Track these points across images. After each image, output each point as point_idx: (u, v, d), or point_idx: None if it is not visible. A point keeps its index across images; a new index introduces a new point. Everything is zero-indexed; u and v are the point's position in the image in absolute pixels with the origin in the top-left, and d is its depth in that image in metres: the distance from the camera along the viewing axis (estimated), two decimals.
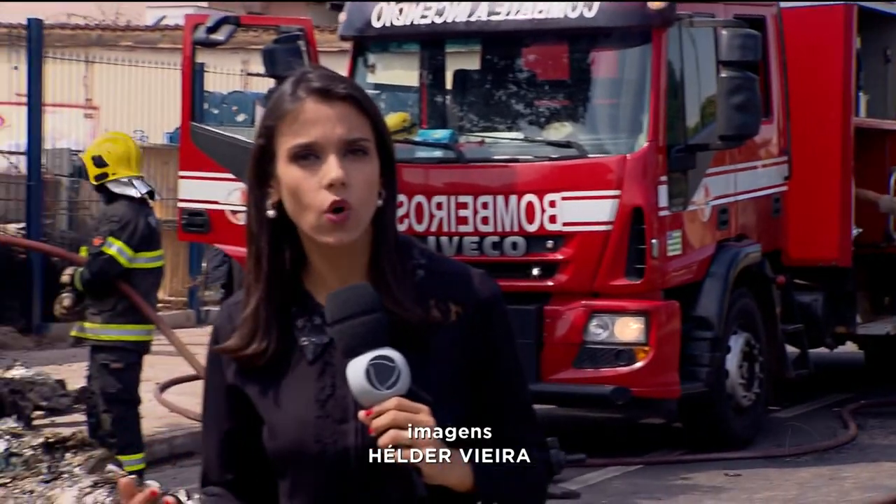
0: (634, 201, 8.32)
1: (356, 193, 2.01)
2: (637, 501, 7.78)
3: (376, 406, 1.93)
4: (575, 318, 8.43)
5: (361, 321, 1.96)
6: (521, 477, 2.09)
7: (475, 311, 2.10)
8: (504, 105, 9.19)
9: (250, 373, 2.10)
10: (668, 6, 8.38)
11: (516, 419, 2.14)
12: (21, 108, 13.68)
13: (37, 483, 5.93)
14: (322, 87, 2.04)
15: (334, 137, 2.01)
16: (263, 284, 2.07)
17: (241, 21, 9.41)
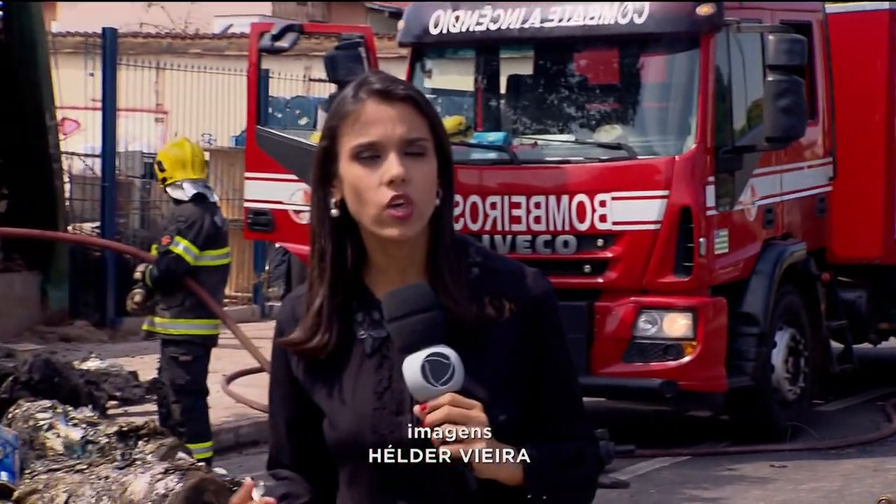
0: (683, 201, 8.28)
1: (415, 190, 2.02)
2: (685, 491, 7.74)
3: (431, 401, 1.94)
4: (624, 313, 8.40)
5: (418, 319, 1.97)
6: (572, 472, 2.09)
7: (528, 308, 2.09)
8: (556, 108, 9.17)
9: (312, 365, 2.11)
10: (716, 12, 8.33)
11: (567, 414, 2.14)
12: (96, 112, 13.81)
13: (111, 469, 5.99)
14: (382, 88, 2.05)
15: (394, 137, 2.02)
16: (326, 281, 2.08)
17: (305, 29, 9.47)
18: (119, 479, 5.87)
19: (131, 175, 15.24)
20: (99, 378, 9.44)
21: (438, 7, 9.09)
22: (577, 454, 2.10)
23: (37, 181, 12.39)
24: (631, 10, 8.46)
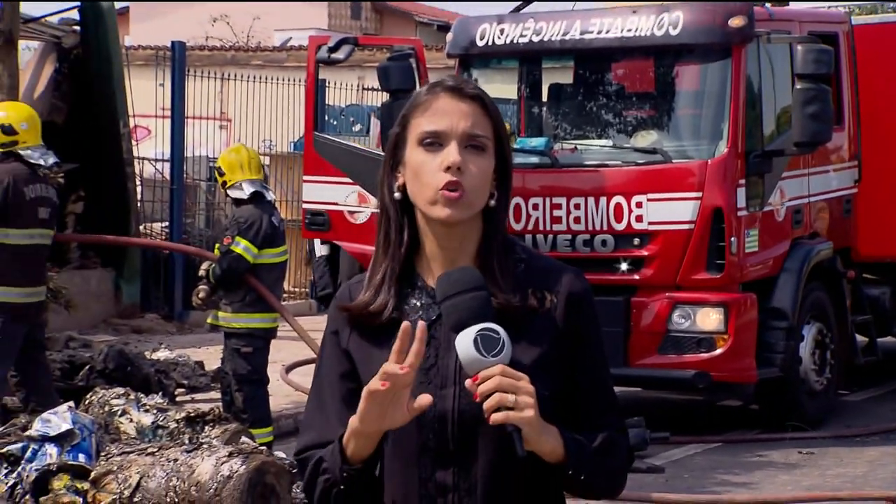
0: (715, 202, 8.23)
1: (469, 180, 2.05)
2: (716, 476, 7.70)
3: (483, 372, 1.96)
4: (659, 308, 8.36)
5: (471, 296, 2.00)
6: (606, 458, 2.09)
7: (567, 304, 2.11)
8: (595, 115, 9.15)
9: (363, 343, 2.13)
10: (747, 24, 8.27)
11: (601, 406, 2.15)
12: (165, 120, 13.92)
13: (180, 452, 6.04)
14: (455, 85, 2.11)
15: (459, 129, 2.07)
16: (390, 255, 2.12)
17: (359, 41, 9.49)
18: (187, 462, 5.91)
19: (197, 178, 15.34)
20: (168, 367, 9.51)
21: (484, 21, 9.10)
22: (610, 443, 2.11)
23: (111, 184, 12.50)
24: (666, 23, 8.42)
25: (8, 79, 10.03)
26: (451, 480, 2.06)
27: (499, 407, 1.94)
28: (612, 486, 2.13)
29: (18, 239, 7.17)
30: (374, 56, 18.42)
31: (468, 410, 2.03)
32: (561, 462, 2.03)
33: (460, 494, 2.06)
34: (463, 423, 2.04)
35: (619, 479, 2.14)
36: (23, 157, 7.21)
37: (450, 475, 2.06)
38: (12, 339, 7.16)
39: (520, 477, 2.06)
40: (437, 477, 2.06)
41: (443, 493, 2.06)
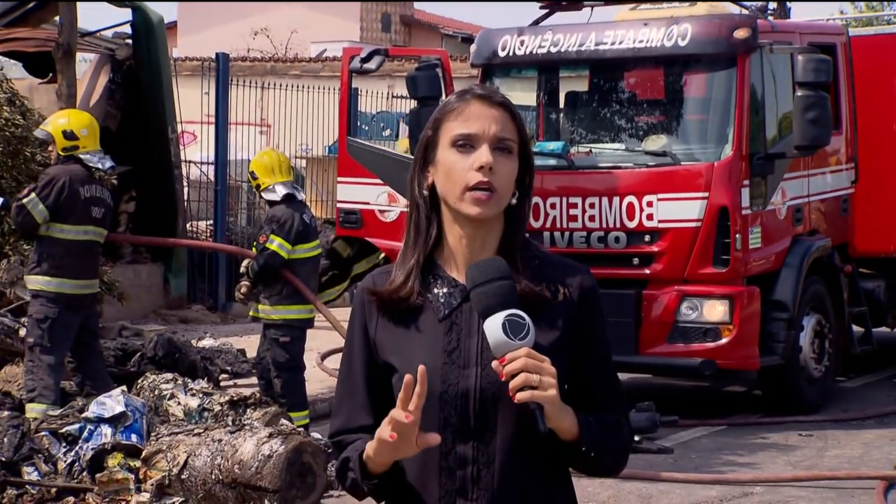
0: (721, 202, 8.18)
1: (498, 180, 2.08)
2: (722, 457, 7.65)
3: (509, 354, 1.98)
4: (668, 301, 8.32)
5: (499, 284, 2.03)
6: (613, 438, 2.13)
7: (579, 297, 2.15)
8: (608, 121, 9.11)
9: (388, 324, 2.14)
10: (751, 36, 8.22)
11: (609, 392, 2.18)
12: (210, 126, 13.95)
13: (224, 433, 6.05)
14: (485, 93, 2.14)
15: (490, 132, 2.10)
16: (419, 246, 2.14)
17: (389, 52, 9.46)
18: (231, 442, 5.93)
19: (240, 180, 15.37)
20: (213, 355, 9.53)
21: (506, 33, 9.08)
22: (617, 425, 2.15)
23: (161, 185, 12.54)
24: (676, 34, 8.38)
25: (67, 88, 10.07)
26: (470, 454, 2.08)
27: (524, 386, 1.97)
28: (617, 463, 2.17)
29: (73, 234, 7.21)
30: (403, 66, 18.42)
31: (488, 389, 2.06)
32: (575, 439, 2.06)
33: (479, 467, 2.07)
34: (483, 401, 2.07)
35: (623, 457, 2.18)
36: (82, 160, 7.25)
37: (469, 449, 2.07)
38: (67, 327, 7.19)
39: (534, 451, 2.09)
40: (457, 450, 2.08)
41: (462, 466, 2.08)
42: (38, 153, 10.06)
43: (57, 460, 6.39)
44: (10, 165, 10.24)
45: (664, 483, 6.93)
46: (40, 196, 7.07)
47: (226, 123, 13.65)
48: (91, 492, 6.13)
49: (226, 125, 13.66)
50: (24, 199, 7.08)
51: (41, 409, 6.93)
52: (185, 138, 14.02)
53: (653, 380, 9.82)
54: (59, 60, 10.17)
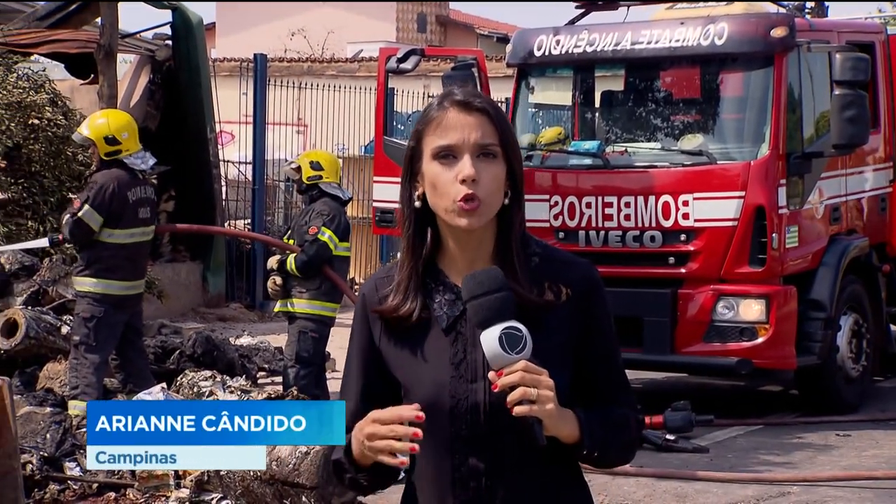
0: (757, 201, 8.12)
1: (484, 188, 2.05)
2: (758, 456, 7.60)
3: (506, 368, 1.96)
4: (704, 300, 8.27)
5: (495, 297, 1.99)
6: (619, 432, 2.11)
7: (582, 293, 2.11)
8: (644, 120, 9.07)
9: (394, 339, 2.13)
10: (789, 34, 8.16)
11: (614, 386, 2.16)
12: (248, 126, 14.03)
13: None
14: (463, 99, 2.09)
15: (470, 141, 2.06)
16: (413, 259, 2.11)
17: (425, 52, 9.46)
18: None
19: (277, 179, 15.45)
20: (250, 352, 9.58)
21: (541, 32, 9.06)
22: (623, 418, 2.13)
23: (199, 185, 12.62)
24: (712, 33, 8.33)
25: (108, 89, 10.16)
26: (482, 466, 2.06)
27: (521, 400, 1.95)
28: (625, 456, 2.16)
29: (121, 238, 7.27)
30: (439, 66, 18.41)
31: (498, 402, 2.03)
32: (577, 442, 2.05)
33: (492, 479, 2.06)
34: (493, 413, 2.05)
35: (630, 450, 2.17)
36: (125, 164, 7.30)
37: (481, 461, 2.06)
38: (113, 326, 7.25)
39: (545, 459, 2.07)
40: (469, 463, 2.07)
41: (475, 478, 2.07)
42: (80, 153, 10.17)
43: None
44: (53, 165, 10.36)
45: (700, 482, 6.89)
46: (94, 206, 7.13)
47: (263, 123, 13.72)
48: (131, 487, 6.18)
49: (263, 125, 13.73)
50: (78, 213, 7.12)
51: (83, 406, 6.99)
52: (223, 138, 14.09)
53: (688, 379, 9.76)
54: (100, 61, 10.27)
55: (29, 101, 10.26)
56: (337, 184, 7.63)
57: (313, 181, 7.57)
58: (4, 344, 7.82)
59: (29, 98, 10.27)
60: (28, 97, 10.27)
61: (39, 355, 7.91)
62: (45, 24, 12.17)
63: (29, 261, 8.81)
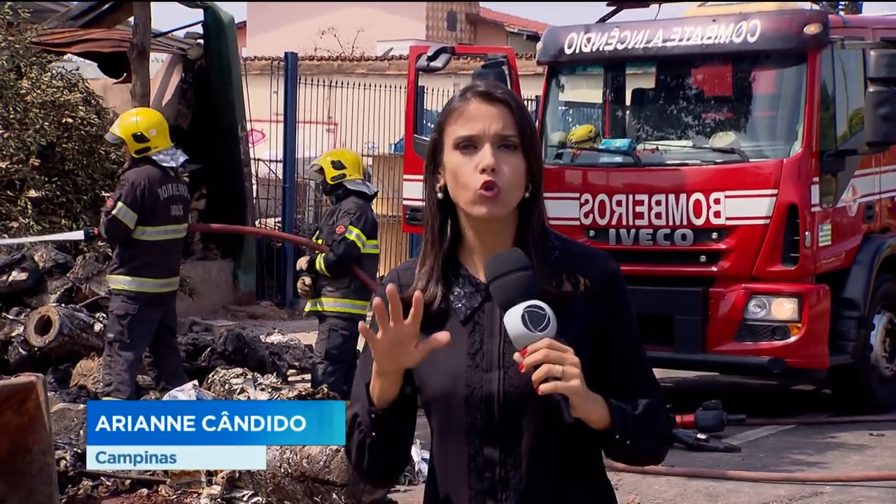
0: (790, 199, 8.07)
1: (504, 178, 2.06)
2: (790, 456, 7.55)
3: (530, 346, 1.95)
4: (736, 298, 8.22)
5: (518, 276, 2.00)
6: (648, 423, 2.08)
7: (602, 285, 2.10)
8: (675, 117, 9.02)
9: None
10: (822, 31, 8.09)
11: (639, 378, 2.13)
12: (278, 124, 14.08)
13: None
14: (485, 91, 2.10)
15: (491, 131, 2.07)
16: (435, 250, 2.12)
17: (456, 50, 9.45)
18: None
19: (307, 178, 15.49)
20: (281, 350, 9.61)
21: (572, 30, 9.03)
22: (652, 409, 2.09)
23: (230, 183, 12.68)
24: (745, 30, 8.28)
25: (140, 87, 10.23)
26: (497, 456, 2.06)
27: (547, 378, 1.94)
28: (656, 450, 2.13)
29: (153, 235, 7.31)
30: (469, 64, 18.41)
31: (513, 391, 2.04)
32: (607, 428, 2.03)
33: (506, 469, 2.06)
34: (508, 403, 2.05)
35: (662, 443, 2.14)
36: (156, 161, 7.34)
37: (496, 451, 2.06)
38: (146, 323, 7.29)
39: (562, 452, 2.06)
40: (484, 453, 2.07)
41: (490, 468, 2.07)
42: (112, 151, 10.24)
43: None
44: (86, 164, 10.45)
45: (732, 482, 6.85)
46: (126, 203, 7.17)
47: (294, 122, 13.76)
48: (164, 484, 6.22)
49: (294, 124, 13.77)
50: (112, 211, 7.17)
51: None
52: (253, 137, 14.17)
53: (720, 378, 9.71)
54: (133, 60, 10.34)
55: (62, 100, 10.35)
56: (361, 179, 7.64)
57: (338, 180, 7.59)
58: (38, 341, 7.89)
59: (62, 97, 10.36)
60: (62, 96, 10.36)
61: (73, 352, 7.98)
62: (79, 23, 12.27)
63: (62, 258, 8.89)
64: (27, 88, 10.29)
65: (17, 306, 8.48)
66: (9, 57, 10.30)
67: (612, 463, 2.17)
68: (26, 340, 7.94)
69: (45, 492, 4.08)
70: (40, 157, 10.26)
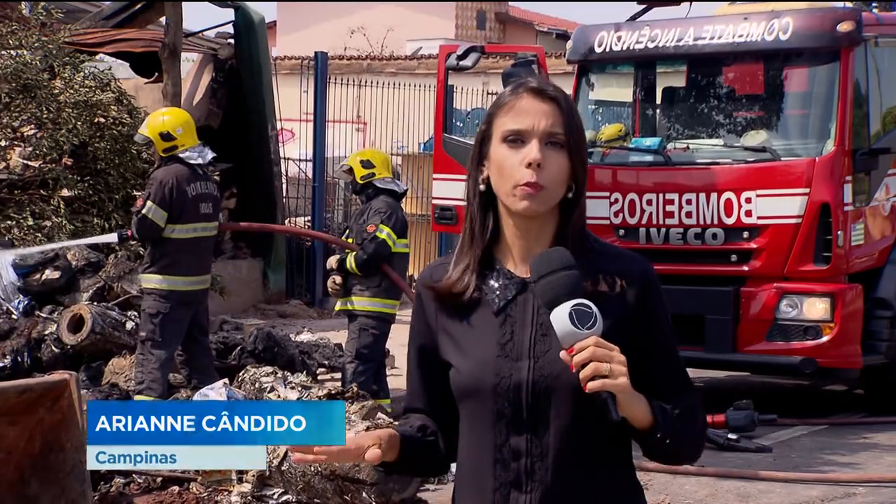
0: (822, 198, 8.01)
1: (547, 175, 2.07)
2: (822, 456, 7.49)
3: (578, 344, 1.96)
4: (768, 298, 8.17)
5: (564, 274, 2.01)
6: (687, 423, 2.08)
7: (638, 287, 2.11)
8: (706, 116, 8.97)
9: (445, 318, 2.16)
10: (855, 29, 8.03)
11: (675, 379, 2.13)
12: (308, 124, 14.11)
13: None
14: (537, 87, 2.11)
15: (540, 127, 2.08)
16: (475, 241, 2.14)
17: (485, 49, 9.43)
18: None
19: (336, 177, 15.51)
20: (310, 349, 9.62)
21: (602, 29, 9.00)
22: (690, 409, 2.10)
23: (260, 182, 12.72)
24: (777, 28, 8.22)
25: (172, 87, 10.28)
26: (524, 446, 2.07)
27: (594, 376, 1.95)
28: (694, 450, 2.14)
29: (182, 233, 7.34)
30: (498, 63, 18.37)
31: (541, 381, 2.05)
32: (649, 427, 2.03)
33: (532, 459, 2.06)
34: (536, 393, 2.05)
35: (699, 443, 2.14)
36: (183, 159, 7.38)
37: (523, 441, 2.07)
38: (178, 322, 7.32)
39: (589, 444, 2.06)
40: (511, 442, 2.07)
41: (516, 458, 2.07)
42: (144, 151, 10.30)
43: None
44: (117, 163, 10.50)
45: (763, 482, 6.81)
46: (156, 202, 7.21)
47: (323, 121, 13.78)
48: (194, 481, 6.24)
49: (323, 123, 13.79)
50: (143, 210, 7.22)
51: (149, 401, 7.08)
52: (283, 136, 14.20)
53: (751, 378, 9.65)
54: (164, 60, 10.39)
55: (95, 99, 10.41)
56: (391, 178, 7.64)
57: (367, 179, 7.60)
58: (71, 339, 7.95)
59: (95, 97, 10.42)
60: (94, 96, 10.42)
61: (105, 350, 8.03)
62: (111, 23, 12.34)
63: (94, 257, 8.95)
64: (60, 88, 10.36)
65: (50, 304, 8.55)
66: (42, 57, 10.37)
67: (643, 462, 2.17)
68: (59, 338, 8.00)
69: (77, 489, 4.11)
70: (73, 156, 10.33)
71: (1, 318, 8.37)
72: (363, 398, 7.05)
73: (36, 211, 9.78)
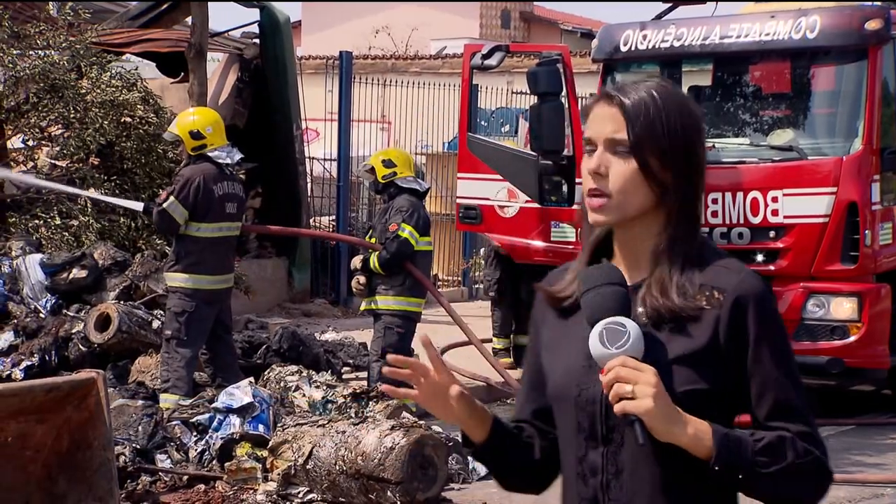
0: (850, 197, 7.95)
1: (612, 183, 1.99)
2: (849, 457, 7.44)
3: (607, 364, 1.91)
4: (794, 298, 8.12)
5: (597, 292, 1.95)
6: (773, 458, 1.90)
7: (734, 303, 1.97)
8: (732, 115, 8.92)
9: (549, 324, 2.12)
10: (883, 27, 7.97)
11: (776, 410, 1.96)
12: (332, 123, 14.12)
13: (347, 425, 6.12)
14: (608, 92, 2.04)
15: (602, 134, 2.01)
16: (583, 251, 2.11)
17: (510, 49, 9.42)
18: (354, 434, 5.98)
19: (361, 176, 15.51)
20: (335, 348, 9.63)
21: (628, 27, 8.96)
22: (779, 443, 1.91)
23: (285, 181, 12.74)
24: (804, 27, 8.17)
25: (198, 87, 10.32)
26: (600, 462, 2.01)
27: (620, 397, 1.89)
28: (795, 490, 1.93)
29: (208, 232, 7.37)
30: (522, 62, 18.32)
31: None
32: (706, 457, 1.90)
33: (608, 476, 2.00)
34: (610, 408, 1.96)
35: (800, 484, 1.93)
36: (212, 158, 7.40)
37: (599, 456, 2.01)
38: (203, 321, 7.35)
39: (667, 464, 1.95)
40: (589, 457, 2.02)
41: (594, 474, 2.02)
42: (170, 150, 10.34)
43: (188, 449, 6.55)
44: (144, 162, 10.56)
45: None
46: (179, 198, 7.25)
47: (348, 120, 13.80)
48: (220, 480, 6.26)
49: (348, 122, 13.80)
50: (164, 204, 7.26)
51: (174, 399, 7.11)
52: (308, 135, 14.22)
53: None
54: (190, 60, 10.43)
55: (121, 99, 10.46)
56: (413, 177, 7.64)
57: (389, 178, 7.60)
58: (98, 338, 7.99)
59: (122, 97, 10.47)
60: (121, 96, 10.47)
61: (131, 349, 8.07)
62: (137, 23, 12.40)
63: (121, 256, 9.00)
64: (87, 88, 10.42)
65: (77, 303, 8.60)
66: (70, 57, 10.43)
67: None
68: (86, 337, 8.04)
69: (105, 487, 4.12)
70: (100, 155, 10.39)
71: (29, 317, 8.42)
72: (388, 397, 7.06)
73: (63, 210, 9.84)
